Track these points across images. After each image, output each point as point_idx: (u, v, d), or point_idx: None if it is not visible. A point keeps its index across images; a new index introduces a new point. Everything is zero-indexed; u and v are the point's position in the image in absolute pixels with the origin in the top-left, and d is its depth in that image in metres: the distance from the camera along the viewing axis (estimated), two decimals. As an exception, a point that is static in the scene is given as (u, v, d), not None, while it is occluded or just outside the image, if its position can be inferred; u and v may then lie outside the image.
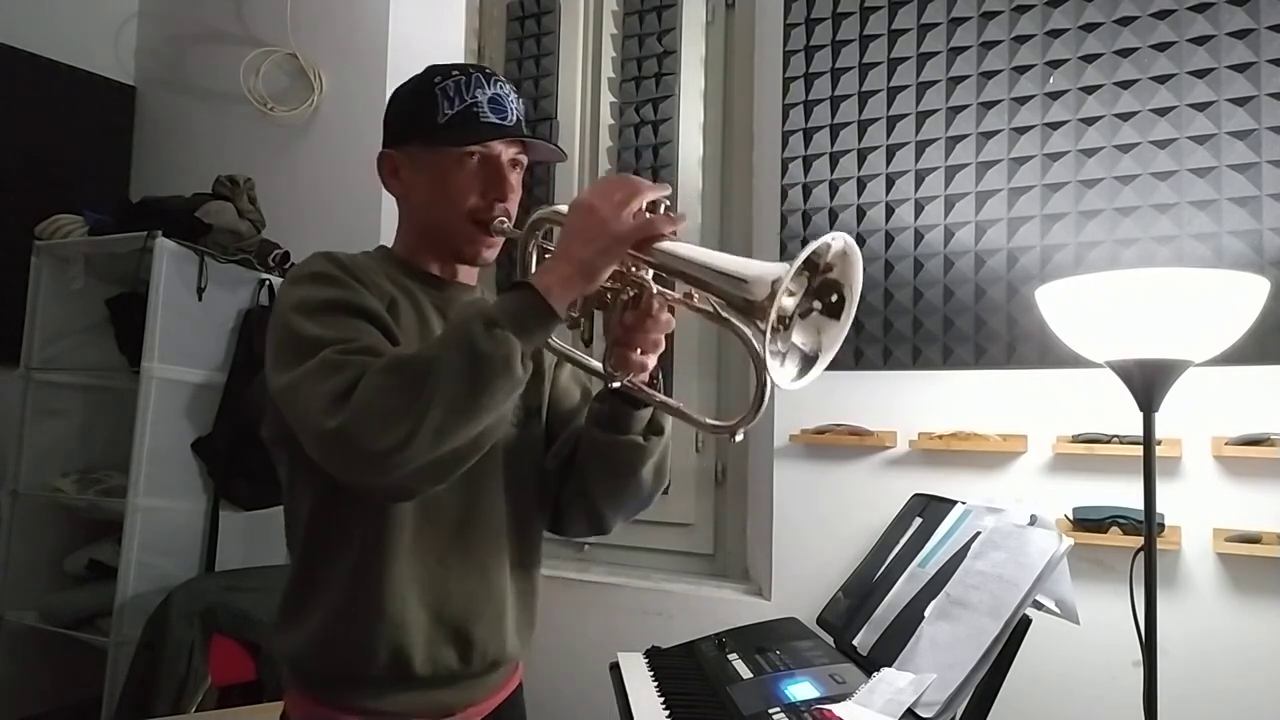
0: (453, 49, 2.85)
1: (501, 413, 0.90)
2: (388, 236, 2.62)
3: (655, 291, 0.97)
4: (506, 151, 1.09)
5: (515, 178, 1.11)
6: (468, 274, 1.16)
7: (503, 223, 1.08)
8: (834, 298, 0.88)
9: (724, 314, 0.91)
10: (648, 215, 0.92)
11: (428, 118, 1.07)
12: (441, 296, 1.12)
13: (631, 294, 0.98)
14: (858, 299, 0.89)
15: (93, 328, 2.66)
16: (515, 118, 1.11)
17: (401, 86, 1.14)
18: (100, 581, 2.44)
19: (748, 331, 0.89)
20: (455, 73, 1.09)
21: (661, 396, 1.02)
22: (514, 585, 1.11)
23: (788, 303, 0.85)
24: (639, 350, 0.99)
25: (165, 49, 3.19)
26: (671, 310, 0.99)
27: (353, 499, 0.98)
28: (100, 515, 2.56)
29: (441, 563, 1.04)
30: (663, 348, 1.01)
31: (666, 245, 0.91)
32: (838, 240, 0.84)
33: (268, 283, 2.54)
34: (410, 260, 1.13)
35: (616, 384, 1.00)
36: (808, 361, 0.88)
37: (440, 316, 1.09)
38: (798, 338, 0.87)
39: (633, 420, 1.06)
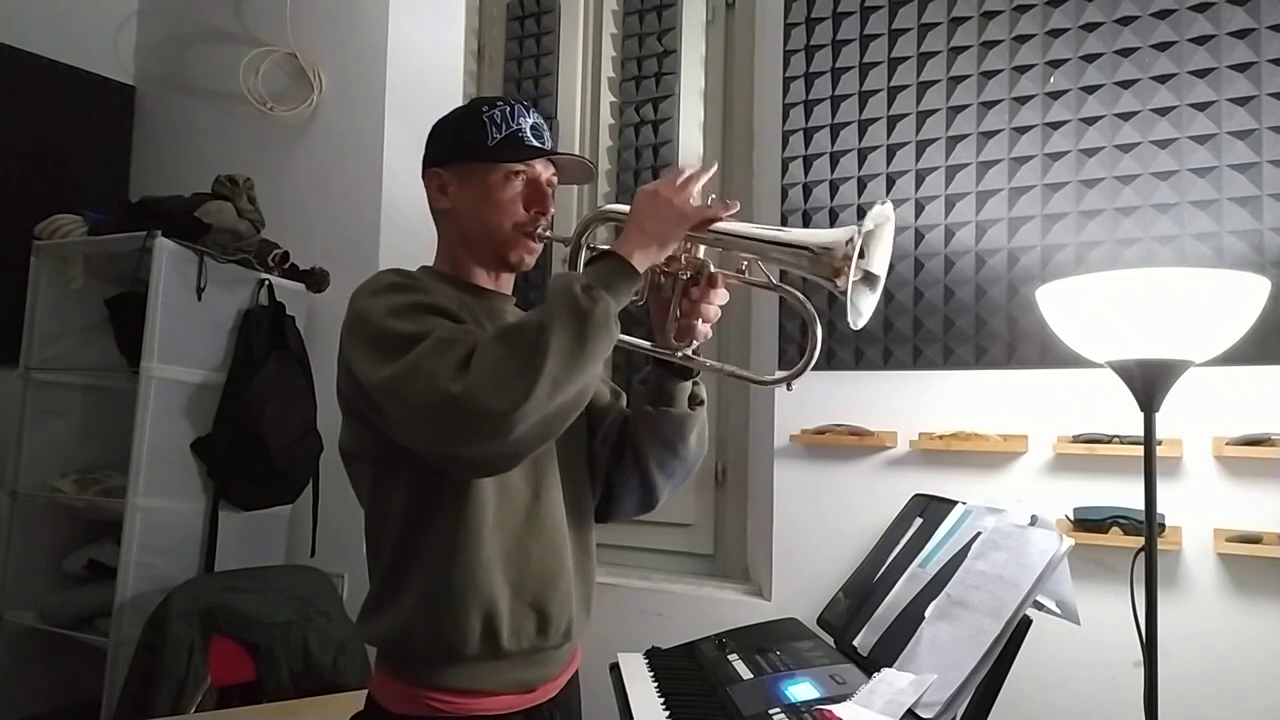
0: (453, 49, 2.86)
1: (598, 369, 1.01)
2: (387, 237, 2.65)
3: (714, 269, 1.13)
4: (545, 173, 1.22)
5: (552, 195, 1.25)
6: (506, 283, 1.28)
7: (544, 230, 1.21)
8: (860, 253, 1.03)
9: (778, 282, 1.13)
10: (708, 201, 1.08)
11: (477, 140, 1.20)
12: (487, 306, 1.22)
13: (689, 275, 1.14)
14: (887, 255, 1.08)
15: (92, 328, 2.65)
16: (551, 144, 1.25)
17: (446, 116, 1.27)
18: (100, 582, 2.44)
19: (801, 296, 1.14)
20: (500, 103, 1.22)
21: (710, 362, 1.18)
22: (575, 564, 1.20)
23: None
24: (701, 320, 1.15)
25: (165, 49, 3.18)
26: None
27: (441, 489, 1.08)
28: (100, 515, 2.56)
29: (518, 541, 1.14)
30: (719, 318, 1.17)
31: (728, 225, 1.08)
32: (878, 217, 1.04)
33: (267, 282, 2.54)
34: (455, 274, 1.24)
35: (681, 354, 1.15)
36: (870, 281, 1.07)
37: (491, 323, 1.19)
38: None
39: (678, 393, 1.20)
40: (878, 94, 2.06)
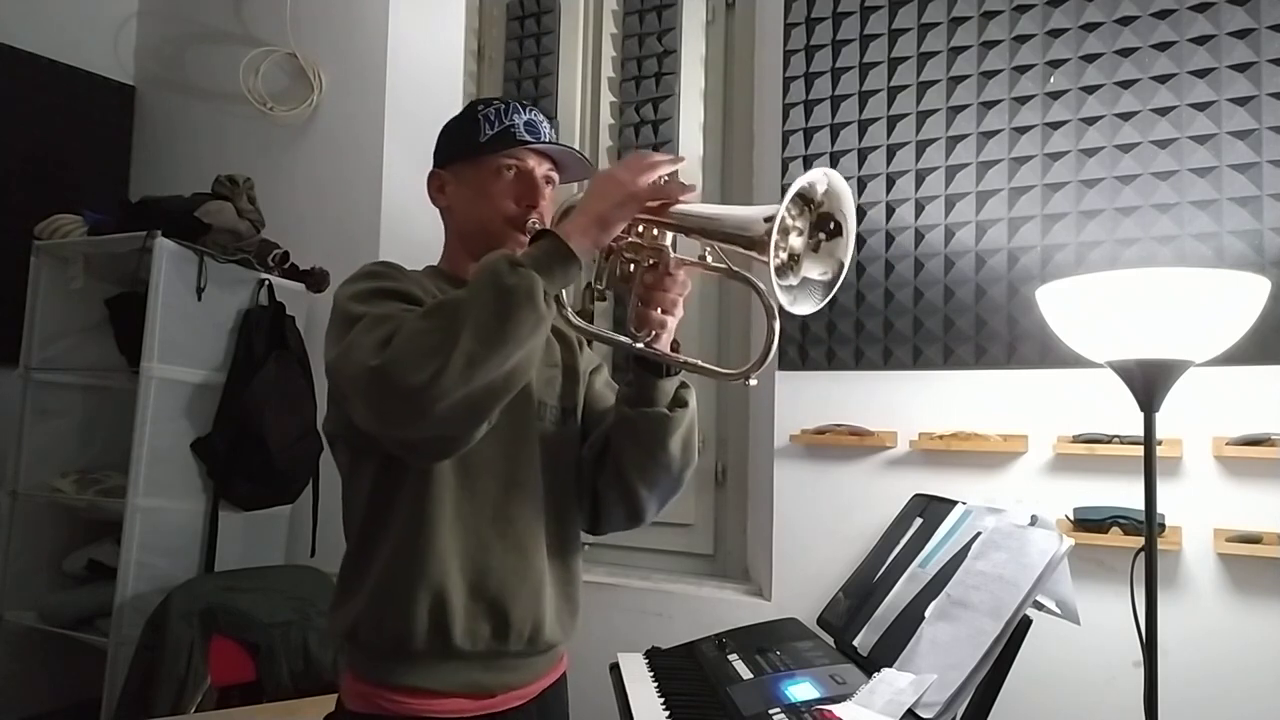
0: (453, 49, 2.86)
1: (529, 350, 0.97)
2: (387, 237, 2.65)
3: (673, 255, 1.09)
4: (539, 168, 1.21)
5: (548, 191, 1.22)
6: None
7: (535, 224, 1.17)
8: (832, 225, 1.01)
9: (736, 268, 1.06)
10: (663, 182, 1.04)
11: (471, 138, 1.20)
12: None
13: (651, 262, 1.10)
14: (854, 216, 1.02)
15: (92, 328, 2.66)
16: (547, 138, 1.22)
17: (450, 119, 1.27)
18: (100, 582, 2.44)
19: (760, 284, 1.04)
20: (496, 102, 1.22)
21: (676, 356, 1.13)
22: (552, 570, 1.17)
23: (796, 242, 1.00)
24: (659, 309, 1.10)
25: (165, 49, 3.18)
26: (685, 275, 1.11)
27: (402, 475, 1.08)
28: (100, 515, 2.56)
29: (480, 539, 1.11)
30: (680, 311, 1.12)
31: (680, 207, 1.04)
32: (820, 181, 0.98)
33: (267, 282, 2.54)
34: (454, 273, 1.23)
35: (640, 343, 1.10)
36: (829, 286, 1.02)
37: None
38: (814, 271, 1.01)
39: (657, 392, 1.15)
40: (878, 94, 2.06)
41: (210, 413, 2.41)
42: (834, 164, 2.09)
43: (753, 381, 1.06)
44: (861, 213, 2.05)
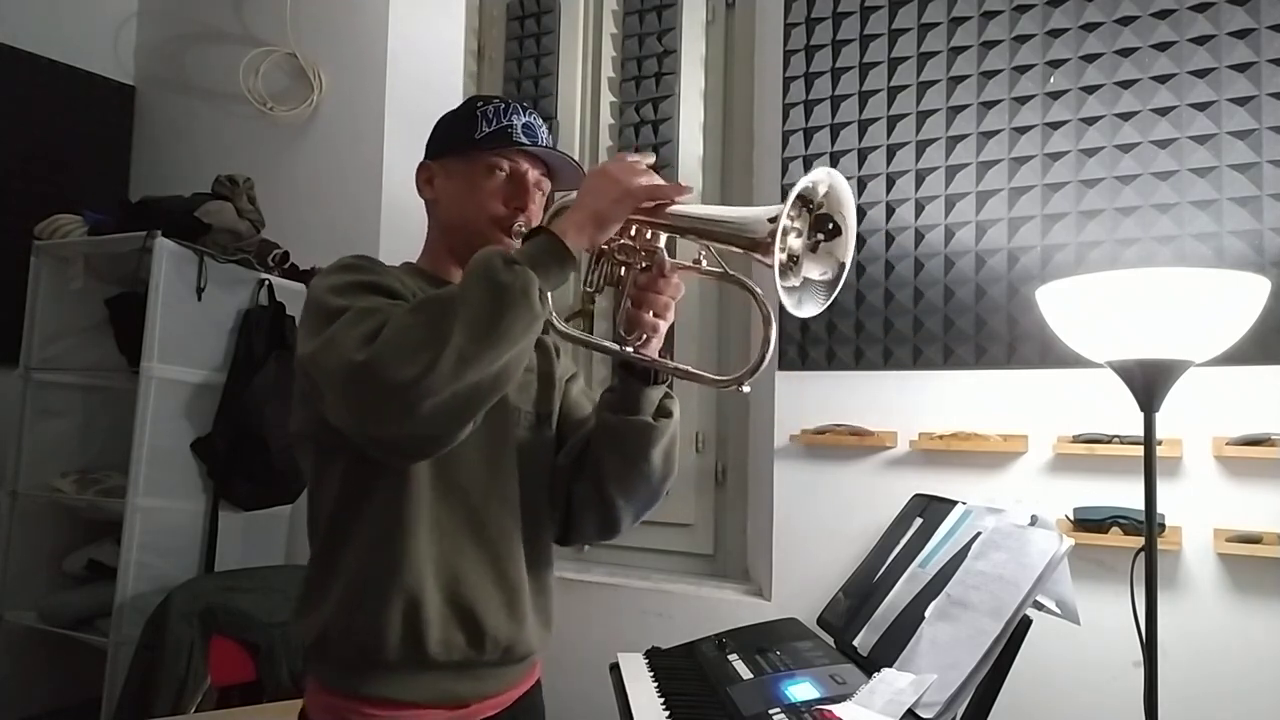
0: (453, 49, 2.86)
1: (520, 349, 0.94)
2: (387, 238, 2.66)
3: (667, 257, 1.07)
4: (532, 171, 1.18)
5: (539, 196, 1.20)
6: None
7: (522, 227, 1.14)
8: (831, 225, 0.98)
9: (731, 271, 1.05)
10: (658, 182, 1.02)
11: (465, 134, 1.17)
12: None
13: (644, 264, 1.08)
14: (854, 217, 0.99)
15: (92, 328, 2.66)
16: (544, 143, 1.20)
17: (447, 112, 1.25)
18: (100, 582, 2.44)
19: (756, 288, 1.04)
20: (496, 100, 1.20)
21: (666, 362, 1.11)
22: (529, 579, 1.14)
23: (795, 243, 0.97)
24: (650, 311, 1.08)
25: (165, 49, 3.19)
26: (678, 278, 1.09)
27: (374, 476, 1.03)
28: (100, 515, 2.56)
29: (455, 545, 1.07)
30: (671, 315, 1.10)
31: (676, 208, 1.02)
32: (823, 182, 0.95)
33: (267, 282, 2.54)
34: (435, 272, 1.20)
35: (628, 348, 1.08)
36: (830, 286, 1.00)
37: None
38: (814, 271, 0.99)
39: (642, 400, 1.12)
40: (878, 94, 2.06)
41: (210, 413, 2.41)
42: (834, 164, 2.09)
43: (746, 388, 1.04)
44: (861, 213, 2.05)
